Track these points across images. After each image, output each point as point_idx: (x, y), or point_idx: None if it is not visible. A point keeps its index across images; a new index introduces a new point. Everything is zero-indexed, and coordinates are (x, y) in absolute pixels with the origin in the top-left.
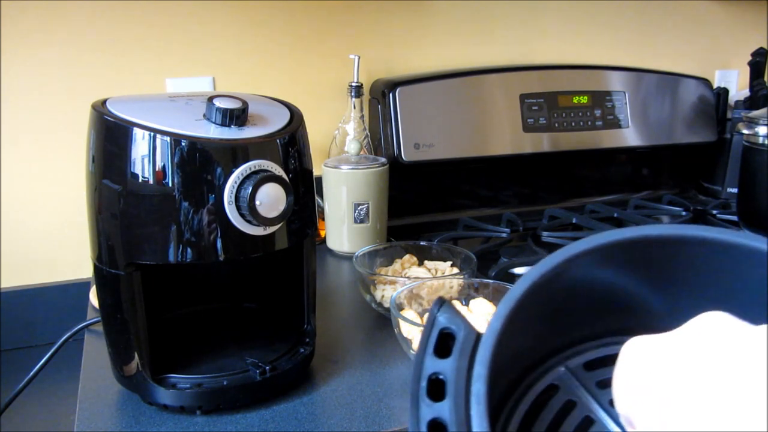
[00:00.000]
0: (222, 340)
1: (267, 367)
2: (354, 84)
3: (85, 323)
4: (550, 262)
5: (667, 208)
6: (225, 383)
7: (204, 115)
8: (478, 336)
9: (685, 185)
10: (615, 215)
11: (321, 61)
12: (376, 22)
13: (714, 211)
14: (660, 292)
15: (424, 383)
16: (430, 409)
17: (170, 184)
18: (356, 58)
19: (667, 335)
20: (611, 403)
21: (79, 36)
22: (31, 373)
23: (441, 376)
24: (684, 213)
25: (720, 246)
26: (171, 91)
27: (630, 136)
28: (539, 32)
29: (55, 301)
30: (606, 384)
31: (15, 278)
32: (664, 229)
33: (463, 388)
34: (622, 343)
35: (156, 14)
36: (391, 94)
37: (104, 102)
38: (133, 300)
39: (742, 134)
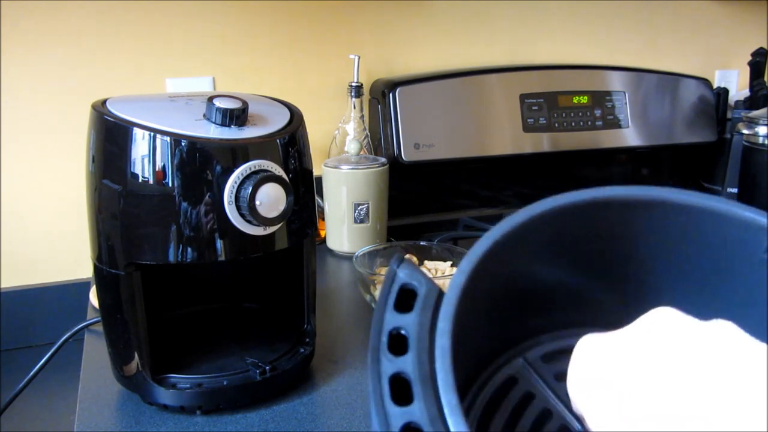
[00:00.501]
0: (222, 340)
1: (267, 367)
2: (354, 84)
3: (85, 323)
4: (512, 221)
5: None
6: (225, 383)
7: (204, 115)
8: (441, 292)
9: (685, 185)
10: None
11: (321, 61)
12: (376, 22)
13: None
14: (614, 282)
15: (384, 338)
16: (391, 364)
17: (170, 184)
18: (356, 58)
19: (619, 333)
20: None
21: (79, 36)
22: (31, 373)
23: (402, 331)
24: None
25: (685, 209)
26: (171, 91)
27: (630, 136)
28: (539, 32)
29: (55, 301)
30: (563, 376)
31: (15, 278)
32: (633, 190)
33: (426, 342)
34: (578, 335)
35: (156, 14)
36: (391, 94)
37: (104, 102)
38: (133, 300)
39: (742, 134)
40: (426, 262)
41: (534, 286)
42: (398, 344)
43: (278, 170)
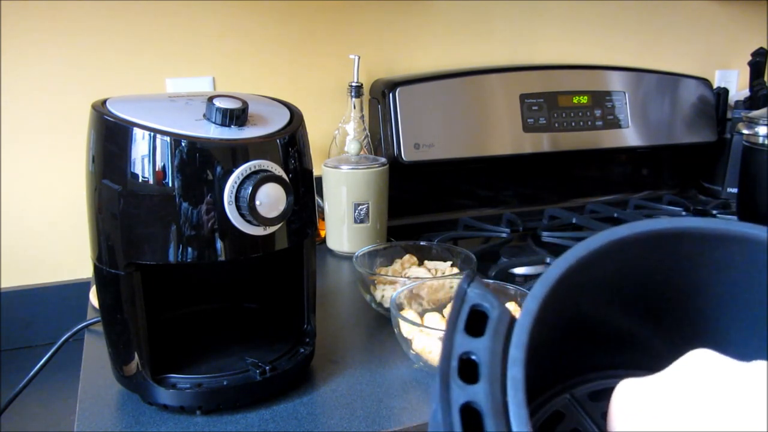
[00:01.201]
0: (222, 340)
1: (267, 367)
2: (354, 84)
3: (85, 323)
4: (586, 246)
5: (667, 208)
6: (225, 383)
7: (204, 115)
8: (513, 317)
9: (685, 185)
10: (615, 215)
11: (321, 61)
12: (376, 22)
13: (714, 211)
14: (673, 322)
15: (455, 363)
16: (462, 392)
17: (170, 184)
18: (356, 58)
19: (657, 377)
20: None
21: (80, 36)
22: (31, 373)
23: (473, 357)
24: (684, 213)
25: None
26: (171, 91)
27: (630, 136)
28: (539, 32)
29: (55, 301)
30: None
31: (15, 278)
32: (713, 223)
33: (499, 371)
34: (626, 376)
35: (156, 14)
36: (391, 94)
37: (104, 102)
38: (133, 300)
39: (742, 134)
40: (426, 262)
41: (593, 319)
42: (469, 370)
43: (278, 170)
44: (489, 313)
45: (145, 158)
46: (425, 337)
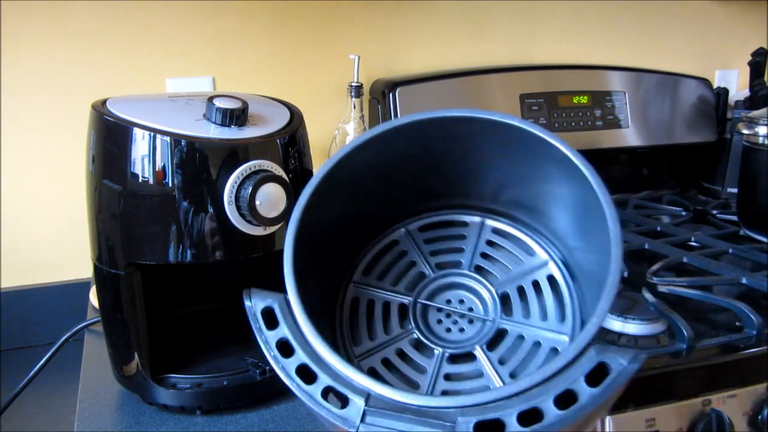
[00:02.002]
0: (222, 340)
1: (267, 367)
2: (354, 84)
3: (85, 323)
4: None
5: (667, 208)
6: (225, 383)
7: (204, 115)
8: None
9: (685, 185)
10: None
11: (321, 61)
12: (376, 22)
13: (714, 211)
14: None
15: (268, 339)
16: (272, 334)
17: (170, 184)
18: (356, 58)
19: None
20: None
21: (79, 36)
22: (31, 373)
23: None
24: (684, 213)
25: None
26: (171, 91)
27: (630, 136)
28: (539, 32)
29: (55, 301)
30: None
31: (15, 278)
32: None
33: (292, 317)
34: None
35: (156, 14)
36: (391, 94)
37: (104, 102)
38: (133, 300)
39: (742, 134)
40: None
41: (363, 206)
42: (270, 319)
43: (278, 170)
44: (273, 307)
45: (145, 158)
46: None
